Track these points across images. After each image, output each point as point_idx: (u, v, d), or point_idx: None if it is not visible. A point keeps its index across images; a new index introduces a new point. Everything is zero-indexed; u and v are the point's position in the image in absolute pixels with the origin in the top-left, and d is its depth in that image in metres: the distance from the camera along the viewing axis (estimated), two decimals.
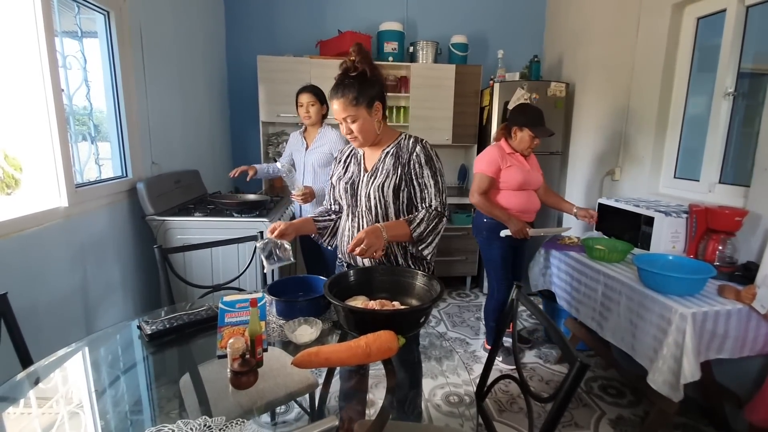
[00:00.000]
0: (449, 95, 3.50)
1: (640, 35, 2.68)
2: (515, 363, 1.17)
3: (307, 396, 1.30)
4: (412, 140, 1.44)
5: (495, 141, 2.47)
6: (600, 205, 2.53)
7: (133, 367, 1.15)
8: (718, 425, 1.94)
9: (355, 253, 1.25)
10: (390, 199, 1.41)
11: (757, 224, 1.89)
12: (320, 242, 1.61)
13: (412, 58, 3.58)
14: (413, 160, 1.40)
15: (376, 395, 1.03)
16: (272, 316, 1.28)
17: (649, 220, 2.13)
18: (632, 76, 2.75)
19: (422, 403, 2.02)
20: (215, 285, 1.83)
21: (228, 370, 0.94)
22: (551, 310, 2.69)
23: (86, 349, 1.20)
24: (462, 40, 3.62)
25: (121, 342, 1.25)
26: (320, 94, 2.43)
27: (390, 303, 1.18)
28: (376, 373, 1.06)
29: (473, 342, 2.78)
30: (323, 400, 1.29)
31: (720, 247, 1.90)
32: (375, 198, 1.41)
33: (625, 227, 2.32)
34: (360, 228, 1.43)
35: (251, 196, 2.69)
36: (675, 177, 2.56)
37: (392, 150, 1.44)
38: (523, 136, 2.31)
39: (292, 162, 2.59)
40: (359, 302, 1.18)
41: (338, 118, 1.38)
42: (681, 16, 2.45)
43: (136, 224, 2.24)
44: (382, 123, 1.43)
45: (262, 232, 1.93)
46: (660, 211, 2.09)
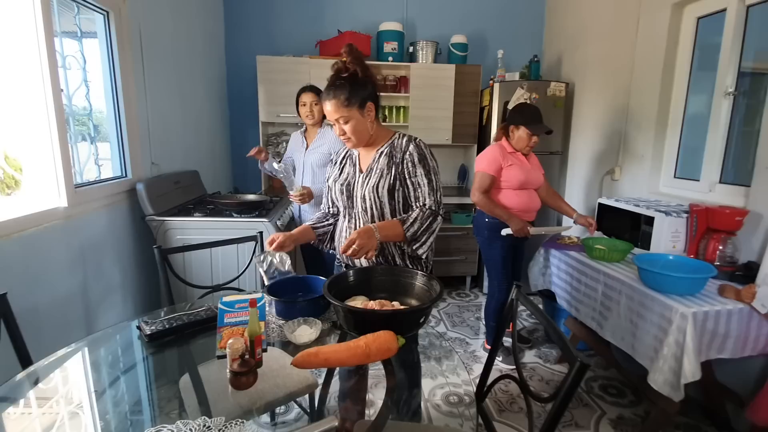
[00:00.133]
0: (449, 95, 3.50)
1: (639, 34, 2.68)
2: (515, 363, 1.17)
3: (306, 396, 1.30)
4: (405, 139, 1.44)
5: (495, 141, 2.48)
6: (600, 204, 2.53)
7: (132, 368, 1.15)
8: (719, 425, 1.94)
9: (348, 253, 1.25)
10: (385, 199, 1.40)
11: (758, 224, 1.89)
12: (320, 248, 1.61)
13: (412, 58, 3.58)
14: (406, 159, 1.40)
15: (376, 395, 1.03)
16: (272, 316, 1.28)
17: (650, 220, 2.13)
18: (632, 75, 2.75)
19: (422, 403, 2.02)
20: (215, 285, 1.83)
21: (227, 371, 0.94)
22: (551, 309, 2.69)
23: (86, 349, 1.20)
24: (462, 40, 3.62)
25: (121, 342, 1.25)
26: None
27: (389, 303, 1.18)
28: (376, 373, 1.06)
29: (473, 342, 2.78)
30: (323, 401, 1.29)
31: (720, 247, 1.90)
32: (370, 199, 1.41)
33: (625, 227, 2.32)
34: (356, 229, 1.43)
35: (251, 197, 2.69)
36: (675, 176, 2.56)
37: (386, 150, 1.43)
38: (520, 135, 2.32)
39: (293, 163, 2.58)
40: (359, 302, 1.18)
41: (331, 119, 1.38)
42: (681, 16, 2.45)
43: (135, 225, 2.24)
44: (375, 123, 1.43)
45: (262, 246, 1.93)
46: (660, 211, 2.09)
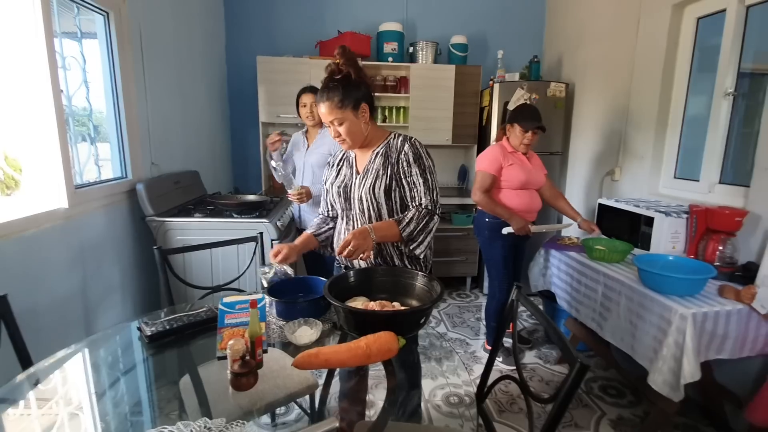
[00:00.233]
0: (449, 96, 3.50)
1: (639, 35, 2.68)
2: (515, 363, 1.17)
3: (307, 397, 1.30)
4: (400, 139, 1.44)
5: (495, 141, 2.48)
6: (600, 205, 2.53)
7: (132, 369, 1.15)
8: (718, 426, 1.94)
9: (343, 254, 1.25)
10: (382, 200, 1.40)
11: (757, 224, 1.89)
12: (323, 253, 1.61)
13: (412, 58, 3.58)
14: (402, 159, 1.40)
15: (376, 396, 1.03)
16: (272, 317, 1.28)
17: (649, 221, 2.13)
18: (632, 76, 2.75)
19: (422, 403, 2.02)
20: (215, 286, 1.83)
21: (228, 372, 0.94)
22: (551, 310, 2.69)
23: (86, 350, 1.20)
24: (462, 40, 3.62)
25: (121, 343, 1.25)
26: None
27: (390, 304, 1.18)
28: (376, 374, 1.06)
29: (473, 342, 2.78)
30: (323, 402, 1.29)
31: (720, 248, 1.90)
32: (367, 200, 1.41)
33: (624, 227, 2.32)
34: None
35: (251, 197, 2.68)
36: (675, 177, 2.56)
37: (382, 150, 1.44)
38: (514, 132, 2.34)
39: (293, 163, 2.58)
40: (359, 303, 1.18)
41: (325, 121, 1.39)
42: (681, 16, 2.45)
43: (135, 225, 2.24)
44: (371, 124, 1.43)
45: (262, 246, 1.94)
46: (660, 212, 2.09)
